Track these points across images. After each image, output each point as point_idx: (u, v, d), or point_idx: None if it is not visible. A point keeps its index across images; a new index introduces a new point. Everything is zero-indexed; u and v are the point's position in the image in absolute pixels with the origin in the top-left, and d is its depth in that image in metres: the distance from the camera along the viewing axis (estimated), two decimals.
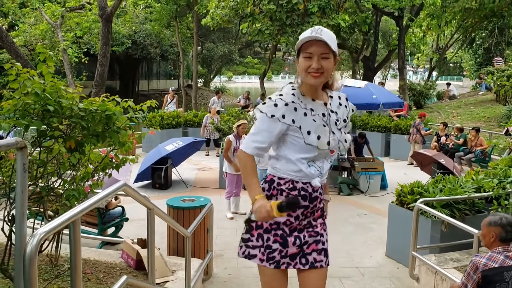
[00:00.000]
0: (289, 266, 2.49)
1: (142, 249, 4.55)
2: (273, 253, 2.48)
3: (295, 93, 2.42)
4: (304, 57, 2.35)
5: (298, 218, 2.48)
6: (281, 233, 2.48)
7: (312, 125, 2.38)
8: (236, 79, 61.62)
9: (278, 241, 2.47)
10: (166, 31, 28.28)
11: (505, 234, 3.17)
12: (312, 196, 2.48)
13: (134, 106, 3.46)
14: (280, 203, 2.21)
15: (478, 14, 19.98)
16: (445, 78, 44.56)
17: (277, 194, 2.47)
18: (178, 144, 9.85)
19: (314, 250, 2.52)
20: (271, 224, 2.47)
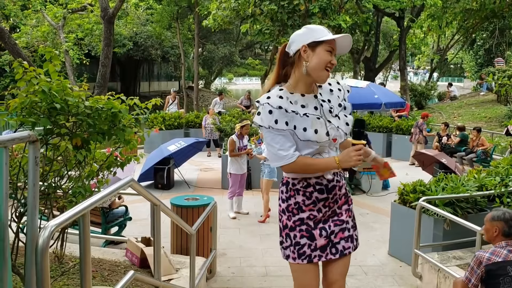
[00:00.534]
0: (321, 258, 2.51)
1: (146, 247, 4.58)
2: (302, 249, 2.50)
3: (283, 94, 2.42)
4: (327, 50, 2.38)
5: (320, 210, 2.51)
6: (306, 228, 2.50)
7: (306, 120, 2.39)
8: (236, 80, 61.61)
9: (305, 235, 2.50)
10: (167, 32, 28.31)
11: (508, 228, 3.20)
12: (329, 187, 2.50)
13: (140, 104, 3.49)
14: (352, 131, 2.45)
15: (478, 15, 20.01)
16: (446, 79, 44.55)
17: (295, 194, 2.51)
18: (180, 145, 9.88)
19: (342, 238, 2.54)
20: (294, 222, 2.51)
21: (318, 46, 2.37)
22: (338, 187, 2.53)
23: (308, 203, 2.49)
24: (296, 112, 2.39)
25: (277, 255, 6.18)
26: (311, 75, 2.41)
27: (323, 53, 2.37)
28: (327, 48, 2.37)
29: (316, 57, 2.37)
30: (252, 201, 8.78)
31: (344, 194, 2.60)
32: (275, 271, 5.66)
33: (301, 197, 2.50)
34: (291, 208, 2.53)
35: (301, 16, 13.42)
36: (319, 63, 2.37)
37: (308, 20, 13.21)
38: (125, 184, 2.47)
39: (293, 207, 2.52)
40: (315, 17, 13.13)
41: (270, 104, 2.38)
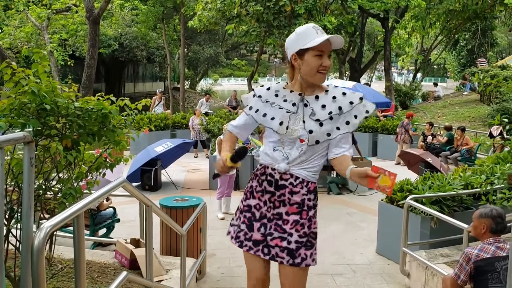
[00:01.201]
0: (250, 251, 2.58)
1: (136, 249, 4.56)
2: (239, 233, 2.64)
3: (274, 87, 2.64)
4: (316, 55, 2.41)
5: (266, 203, 2.57)
6: (249, 216, 2.61)
7: (276, 111, 2.52)
8: (222, 81, 61.53)
9: (246, 223, 2.62)
10: (152, 33, 28.18)
11: (495, 225, 3.27)
12: (278, 184, 2.53)
13: (130, 105, 3.48)
14: (232, 154, 2.50)
15: (461, 16, 20.29)
16: (429, 79, 45.06)
17: (253, 178, 2.67)
18: (167, 146, 9.84)
19: (278, 246, 2.52)
20: (244, 206, 2.65)
21: (306, 53, 2.42)
22: (289, 190, 2.52)
23: (258, 189, 2.59)
24: (271, 103, 2.57)
25: None
26: (307, 80, 2.49)
27: (312, 59, 2.42)
28: (315, 53, 2.41)
29: (305, 64, 2.44)
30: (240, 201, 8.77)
31: (298, 204, 2.52)
32: None
33: (255, 183, 2.62)
34: (246, 190, 2.69)
35: (287, 17, 13.47)
36: (310, 69, 2.43)
37: (294, 21, 13.27)
38: (118, 185, 2.47)
39: (248, 190, 2.67)
40: (301, 18, 13.19)
41: (255, 90, 2.69)
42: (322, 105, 2.50)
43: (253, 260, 2.61)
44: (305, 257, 2.53)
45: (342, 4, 16.24)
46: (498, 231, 3.25)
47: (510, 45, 44.36)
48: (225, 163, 2.47)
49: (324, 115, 2.48)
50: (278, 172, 2.53)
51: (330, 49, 2.43)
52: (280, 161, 2.53)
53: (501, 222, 3.27)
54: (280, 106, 2.52)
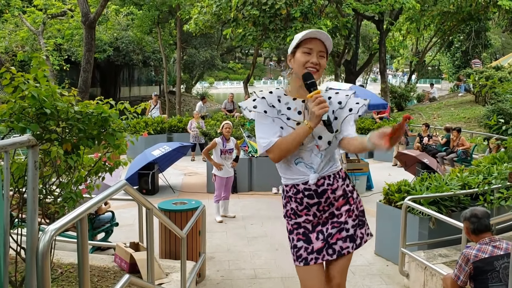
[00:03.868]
0: (318, 260, 2.55)
1: (136, 252, 4.56)
2: (299, 251, 2.57)
3: (276, 92, 2.57)
4: (303, 52, 2.46)
5: (315, 215, 2.56)
6: (303, 231, 2.58)
7: (284, 122, 2.48)
8: (217, 84, 61.63)
9: (301, 239, 2.57)
10: (148, 37, 28.18)
11: (472, 225, 3.33)
12: (318, 192, 2.53)
13: (130, 108, 3.49)
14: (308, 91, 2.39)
15: (455, 17, 20.41)
16: (424, 81, 45.27)
17: (289, 201, 2.61)
18: (165, 149, 9.85)
19: (339, 239, 2.56)
20: (292, 225, 2.61)
21: (297, 51, 2.49)
22: (330, 191, 2.55)
23: (301, 208, 2.56)
24: (277, 110, 2.50)
25: (265, 257, 6.23)
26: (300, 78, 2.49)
27: (300, 56, 2.47)
28: (303, 50, 2.47)
29: (295, 61, 2.50)
30: (239, 204, 8.79)
31: (342, 195, 2.59)
32: (263, 273, 5.68)
33: (294, 204, 2.58)
34: (288, 213, 2.63)
35: (283, 20, 13.51)
36: (298, 66, 2.48)
37: (290, 24, 13.31)
38: (120, 188, 2.47)
39: (290, 212, 2.62)
40: (297, 21, 13.23)
41: (257, 94, 2.57)
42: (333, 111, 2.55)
43: (310, 273, 2.56)
44: (362, 236, 2.65)
45: (337, 7, 16.30)
46: (476, 230, 3.29)
47: (503, 46, 44.66)
48: (316, 97, 2.33)
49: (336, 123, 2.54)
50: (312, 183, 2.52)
51: (319, 48, 2.47)
52: (307, 171, 2.53)
53: (477, 221, 3.30)
54: (287, 116, 2.49)
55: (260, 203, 9.05)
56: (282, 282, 5.42)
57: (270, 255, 6.28)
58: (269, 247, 6.60)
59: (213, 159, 7.75)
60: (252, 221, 7.89)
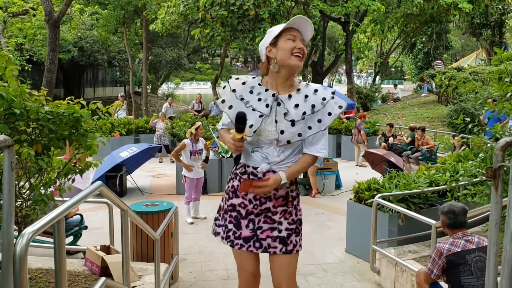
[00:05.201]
0: (242, 248, 2.62)
1: (107, 255, 4.47)
2: (228, 233, 2.66)
3: (249, 81, 2.62)
4: (287, 39, 2.47)
5: (251, 201, 2.60)
6: (236, 215, 2.63)
7: (250, 114, 2.50)
8: (184, 85, 61.15)
9: (232, 222, 2.64)
10: (113, 37, 27.69)
11: (449, 220, 3.41)
12: None
13: (102, 108, 3.42)
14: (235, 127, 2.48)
15: (418, 19, 20.91)
16: (387, 81, 46.23)
17: (233, 178, 2.68)
18: (133, 151, 9.69)
19: (269, 237, 2.60)
20: (228, 206, 2.67)
21: (278, 40, 2.49)
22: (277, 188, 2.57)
23: None
24: (245, 102, 2.55)
25: None
26: (284, 67, 2.50)
27: (285, 43, 2.46)
28: (287, 37, 2.47)
29: (279, 49, 2.48)
30: (209, 205, 8.75)
31: (283, 196, 2.62)
32: (236, 273, 5.63)
33: (237, 182, 2.63)
34: (228, 190, 2.70)
35: (251, 21, 13.54)
36: (284, 52, 2.46)
37: (258, 25, 13.35)
38: (95, 189, 2.42)
39: (229, 189, 2.68)
40: (265, 22, 13.28)
41: (230, 83, 2.64)
42: (295, 105, 2.52)
43: (243, 257, 2.67)
44: (296, 244, 2.67)
45: (304, 8, 16.45)
46: (452, 225, 3.39)
47: (463, 48, 46.09)
48: (234, 139, 2.44)
49: (297, 115, 2.50)
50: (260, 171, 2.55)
51: (301, 37, 2.50)
52: (260, 161, 2.56)
53: (454, 217, 3.39)
54: (254, 107, 2.52)
55: None
56: None
57: None
58: None
59: (182, 161, 7.68)
60: None
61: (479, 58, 31.04)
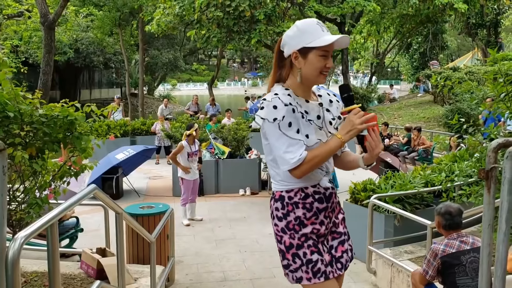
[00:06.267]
0: (335, 274, 2.29)
1: (103, 258, 4.47)
2: (316, 266, 2.23)
3: (290, 93, 2.22)
4: (319, 55, 2.15)
5: (323, 223, 2.29)
6: (313, 242, 2.26)
7: (309, 127, 2.20)
8: (180, 86, 61.12)
9: (314, 251, 2.24)
10: (109, 39, 27.65)
11: (445, 221, 3.41)
12: (327, 195, 2.29)
13: (97, 111, 3.41)
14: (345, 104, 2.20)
15: (414, 20, 20.94)
16: (383, 82, 46.35)
17: (293, 209, 2.25)
18: (129, 153, 9.67)
19: (344, 252, 2.36)
20: (299, 238, 2.24)
21: (310, 52, 2.16)
22: (334, 194, 2.35)
23: (310, 215, 2.25)
24: (302, 115, 2.19)
25: (234, 259, 6.22)
26: (307, 80, 2.23)
27: (316, 60, 2.16)
28: (320, 53, 2.16)
29: (308, 64, 2.17)
30: (205, 207, 8.74)
31: (338, 202, 2.42)
32: (233, 275, 5.67)
33: (301, 211, 2.25)
34: (291, 225, 2.25)
35: (247, 22, 13.51)
36: (313, 70, 2.18)
37: (254, 26, 13.33)
38: (89, 192, 2.41)
39: (294, 223, 2.25)
40: (261, 24, 13.27)
41: (280, 99, 2.16)
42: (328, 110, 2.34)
43: (328, 285, 2.27)
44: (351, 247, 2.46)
45: (300, 9, 16.46)
46: (449, 227, 3.39)
47: (459, 48, 46.27)
48: (354, 117, 2.11)
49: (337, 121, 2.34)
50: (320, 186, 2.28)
51: (333, 48, 2.20)
52: (321, 176, 2.29)
53: (450, 219, 3.39)
54: (310, 120, 2.21)
55: (227, 205, 9.03)
56: (251, 283, 5.42)
57: (238, 257, 6.27)
58: (237, 249, 6.58)
59: (180, 163, 7.68)
60: (219, 223, 7.86)
61: (475, 58, 31.13)
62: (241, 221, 7.97)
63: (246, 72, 74.44)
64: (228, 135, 10.40)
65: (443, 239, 3.44)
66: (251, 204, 9.03)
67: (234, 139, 10.33)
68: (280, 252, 2.30)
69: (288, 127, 2.13)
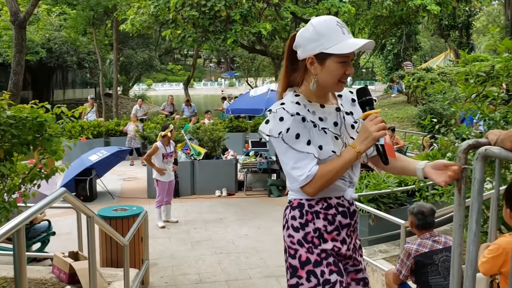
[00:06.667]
0: None
1: (75, 262, 4.38)
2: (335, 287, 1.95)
3: (300, 101, 1.96)
4: (340, 62, 1.90)
5: (345, 241, 2.03)
6: (333, 260, 1.98)
7: (324, 137, 1.94)
8: (156, 86, 60.58)
9: (334, 270, 1.96)
10: (83, 38, 27.21)
11: (417, 221, 3.46)
12: (350, 211, 2.05)
13: (67, 112, 3.34)
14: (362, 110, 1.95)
15: (388, 21, 21.21)
16: (359, 82, 46.88)
17: (313, 218, 1.99)
18: (102, 154, 9.54)
19: (354, 280, 2.08)
20: (318, 254, 1.97)
21: (328, 58, 1.90)
22: (356, 213, 2.10)
23: (331, 229, 1.99)
24: (314, 124, 1.94)
25: (209, 261, 6.18)
26: (322, 89, 1.99)
27: (335, 67, 1.91)
28: (339, 60, 1.90)
29: (326, 71, 1.92)
30: (181, 208, 8.67)
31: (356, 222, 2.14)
32: (208, 277, 5.63)
33: (322, 222, 1.98)
34: (310, 237, 1.98)
35: (223, 22, 13.51)
36: (331, 77, 1.93)
37: (230, 26, 13.34)
38: (59, 196, 2.35)
39: (312, 235, 1.98)
40: (236, 24, 13.28)
41: (286, 109, 1.92)
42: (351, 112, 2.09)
43: None
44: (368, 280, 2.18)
45: (276, 10, 16.51)
46: (422, 227, 3.44)
47: (432, 49, 47.16)
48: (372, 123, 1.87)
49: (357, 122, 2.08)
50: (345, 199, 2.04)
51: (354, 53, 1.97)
52: (345, 187, 2.03)
53: (423, 218, 3.44)
54: (324, 128, 1.96)
55: (203, 206, 8.97)
56: (227, 285, 5.40)
57: (214, 259, 6.24)
58: (213, 251, 6.55)
59: (155, 164, 7.60)
60: (195, 225, 7.81)
61: (448, 59, 31.76)
62: (217, 222, 7.93)
63: (222, 72, 74.20)
64: (204, 136, 10.34)
65: (416, 239, 3.49)
66: (228, 205, 9.00)
67: (210, 139, 10.29)
68: (290, 268, 2.01)
69: (295, 139, 1.90)
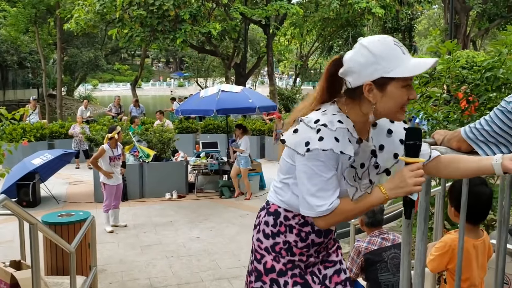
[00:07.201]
0: None
1: (17, 272, 4.16)
2: None
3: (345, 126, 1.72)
4: (404, 86, 1.66)
5: (310, 256, 1.98)
6: (299, 272, 1.95)
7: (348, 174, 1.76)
8: (102, 87, 59.01)
9: (298, 282, 1.93)
10: (24, 37, 26.07)
11: (368, 219, 3.56)
12: (326, 230, 1.95)
13: (7, 115, 3.16)
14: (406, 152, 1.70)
15: (335, 23, 21.68)
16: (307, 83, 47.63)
17: (286, 231, 1.93)
18: (46, 157, 9.19)
19: (338, 283, 2.04)
20: (285, 264, 1.93)
21: (390, 83, 1.66)
22: (334, 230, 2.05)
23: (301, 245, 1.94)
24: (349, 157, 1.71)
25: (160, 265, 6.06)
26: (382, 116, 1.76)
27: (399, 92, 1.67)
28: (402, 84, 1.66)
29: (388, 97, 1.67)
30: (130, 212, 8.47)
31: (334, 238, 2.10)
32: (159, 281, 5.53)
33: (293, 237, 1.92)
34: (278, 247, 1.94)
35: (171, 22, 13.32)
36: (394, 104, 1.69)
37: (179, 26, 13.17)
38: None
39: (281, 246, 1.94)
40: (186, 23, 13.13)
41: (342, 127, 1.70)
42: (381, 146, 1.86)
43: None
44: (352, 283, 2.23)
45: (225, 10, 16.47)
46: (372, 225, 3.53)
47: None
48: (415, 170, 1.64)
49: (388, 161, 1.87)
50: None
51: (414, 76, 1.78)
52: None
53: (372, 216, 3.53)
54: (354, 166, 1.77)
55: (152, 209, 8.81)
56: None
57: (165, 263, 6.13)
58: (164, 255, 6.43)
59: (101, 168, 7.37)
60: (144, 229, 7.64)
61: None
62: (167, 225, 7.81)
63: (171, 72, 73.23)
64: (153, 138, 10.15)
65: (366, 237, 3.56)
66: (178, 208, 8.87)
67: (159, 141, 10.11)
68: (255, 271, 1.97)
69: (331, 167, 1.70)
